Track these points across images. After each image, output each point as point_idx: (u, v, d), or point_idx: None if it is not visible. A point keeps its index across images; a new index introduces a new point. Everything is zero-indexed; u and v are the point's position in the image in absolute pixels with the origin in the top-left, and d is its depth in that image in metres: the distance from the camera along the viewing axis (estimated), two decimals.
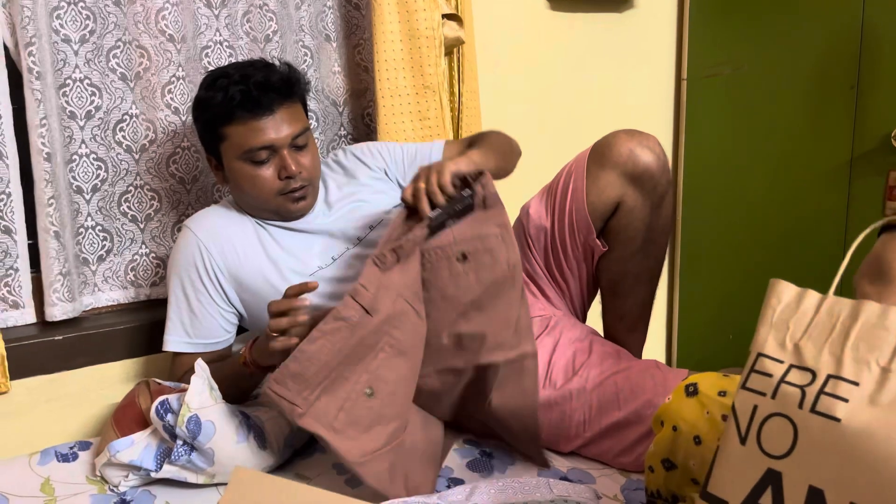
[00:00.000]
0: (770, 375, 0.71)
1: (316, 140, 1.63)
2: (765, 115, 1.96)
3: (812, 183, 1.88)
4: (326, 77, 1.67)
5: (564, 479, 1.17)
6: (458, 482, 1.17)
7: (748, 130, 2.00)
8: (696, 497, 0.90)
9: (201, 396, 1.13)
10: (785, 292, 0.75)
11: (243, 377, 1.23)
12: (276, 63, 1.33)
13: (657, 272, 1.40)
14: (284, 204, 1.29)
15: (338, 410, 1.07)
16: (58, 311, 1.38)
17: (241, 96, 1.23)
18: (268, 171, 1.26)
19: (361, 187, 1.39)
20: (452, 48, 1.66)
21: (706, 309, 2.17)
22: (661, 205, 1.30)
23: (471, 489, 1.11)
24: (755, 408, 0.71)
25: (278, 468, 1.22)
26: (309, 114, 1.62)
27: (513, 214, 1.44)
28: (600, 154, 1.28)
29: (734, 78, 2.00)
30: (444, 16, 1.60)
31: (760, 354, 0.73)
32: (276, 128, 1.25)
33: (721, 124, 2.06)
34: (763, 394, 0.71)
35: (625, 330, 1.42)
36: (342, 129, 1.70)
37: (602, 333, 1.45)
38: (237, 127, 1.25)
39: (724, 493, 0.70)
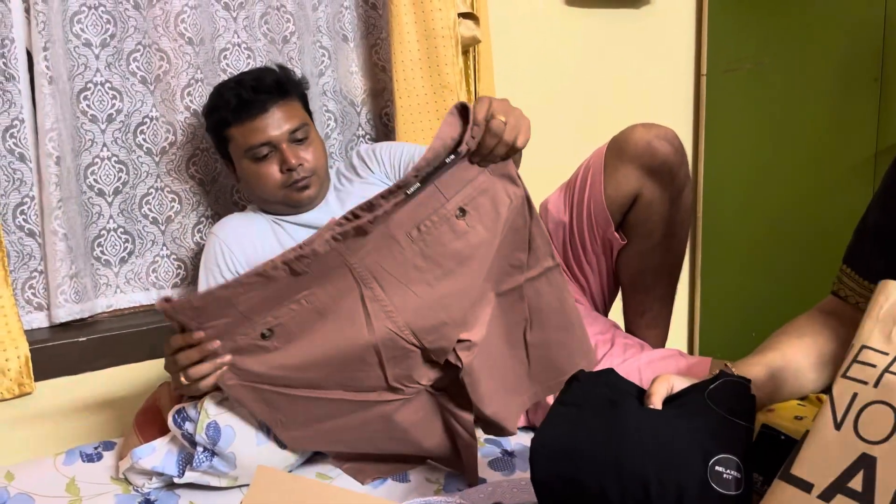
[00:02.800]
0: (874, 366, 0.72)
1: (334, 140, 1.65)
2: (787, 109, 1.93)
3: (836, 177, 1.85)
4: (344, 77, 1.68)
5: None
6: (479, 481, 1.16)
7: (770, 125, 1.98)
8: None
9: (219, 402, 1.13)
10: (894, 291, 0.76)
11: None
12: (275, 67, 1.40)
13: (677, 267, 1.40)
14: (289, 194, 1.33)
15: (228, 340, 1.04)
16: (63, 312, 1.40)
17: (236, 100, 1.30)
18: (271, 167, 1.31)
19: (371, 186, 1.40)
20: (469, 47, 1.65)
21: (728, 307, 2.15)
22: (680, 198, 1.30)
23: (493, 488, 1.10)
24: (855, 395, 0.72)
25: (299, 467, 1.22)
26: (326, 114, 1.63)
27: None
28: (618, 147, 1.29)
29: (755, 72, 1.98)
30: (460, 14, 1.60)
31: (865, 346, 0.74)
32: (273, 125, 1.30)
33: (742, 119, 2.04)
34: (865, 382, 0.72)
35: (645, 326, 1.42)
36: (360, 128, 1.71)
37: (623, 329, 1.44)
38: (238, 128, 1.32)
39: (811, 476, 0.71)
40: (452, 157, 1.03)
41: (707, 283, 2.18)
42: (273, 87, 1.32)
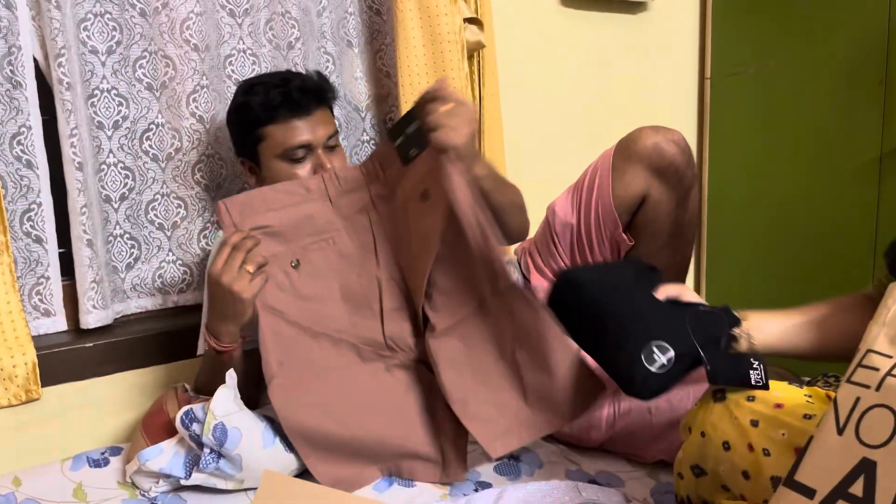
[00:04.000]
0: (877, 369, 0.72)
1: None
2: (791, 112, 1.93)
3: (841, 180, 1.85)
4: (349, 83, 1.68)
5: (592, 481, 1.17)
6: (485, 486, 1.17)
7: (774, 129, 1.98)
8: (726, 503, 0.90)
9: (226, 404, 1.14)
10: None
11: (215, 366, 1.23)
12: (313, 74, 1.41)
13: (684, 268, 1.41)
14: None
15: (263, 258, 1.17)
16: (92, 318, 1.40)
17: (282, 98, 1.31)
18: (304, 170, 1.32)
19: None
20: (474, 52, 1.66)
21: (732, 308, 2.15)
22: (687, 199, 1.31)
23: (498, 493, 1.11)
24: (857, 400, 0.71)
25: (306, 471, 1.22)
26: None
27: (539, 215, 1.45)
28: (626, 148, 1.30)
29: (759, 76, 1.98)
30: (465, 19, 1.61)
31: (870, 350, 0.74)
32: (312, 128, 1.32)
33: (746, 123, 2.04)
34: (867, 386, 0.71)
35: None
36: (365, 133, 1.71)
37: None
38: (277, 126, 1.32)
39: (813, 482, 0.71)
40: (417, 122, 1.17)
41: (711, 285, 2.18)
42: (317, 90, 1.35)
